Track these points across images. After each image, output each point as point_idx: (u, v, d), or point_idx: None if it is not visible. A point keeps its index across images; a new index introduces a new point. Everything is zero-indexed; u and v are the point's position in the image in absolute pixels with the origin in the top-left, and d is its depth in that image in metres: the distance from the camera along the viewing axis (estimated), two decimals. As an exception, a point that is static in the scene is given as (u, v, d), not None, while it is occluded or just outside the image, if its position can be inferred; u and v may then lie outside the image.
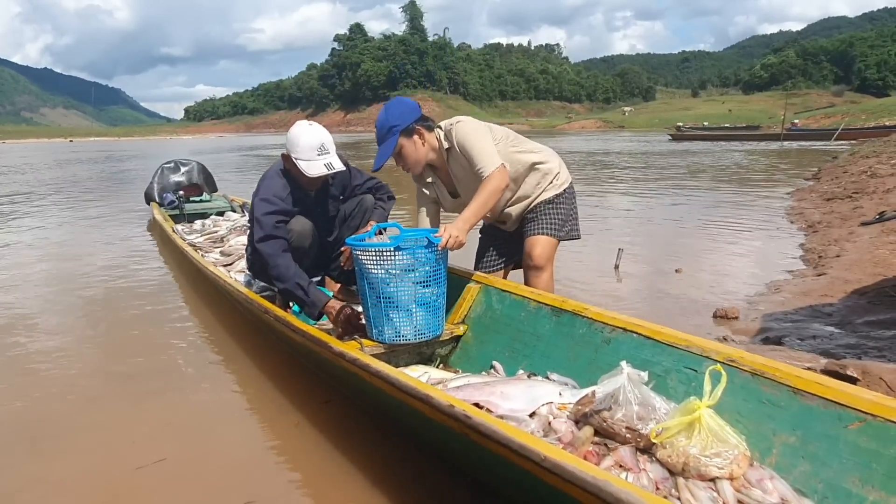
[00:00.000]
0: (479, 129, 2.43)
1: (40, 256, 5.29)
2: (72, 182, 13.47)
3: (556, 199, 2.60)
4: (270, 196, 2.57)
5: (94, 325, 3.37)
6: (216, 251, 4.25)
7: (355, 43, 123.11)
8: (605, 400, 1.52)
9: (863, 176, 8.08)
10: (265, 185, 2.63)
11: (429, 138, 2.47)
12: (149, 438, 2.08)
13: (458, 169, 2.49)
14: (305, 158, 2.51)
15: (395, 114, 2.44)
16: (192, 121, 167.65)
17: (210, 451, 2.01)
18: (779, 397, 1.45)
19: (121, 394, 2.47)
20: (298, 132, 2.56)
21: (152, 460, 1.92)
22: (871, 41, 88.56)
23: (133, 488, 1.79)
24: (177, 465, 1.91)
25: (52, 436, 2.11)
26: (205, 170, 7.06)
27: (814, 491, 1.30)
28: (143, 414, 2.28)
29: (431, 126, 2.50)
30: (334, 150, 2.58)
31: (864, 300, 3.09)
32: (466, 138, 2.39)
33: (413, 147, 2.45)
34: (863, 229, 4.83)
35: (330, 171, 2.52)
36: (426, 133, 2.46)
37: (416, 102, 2.57)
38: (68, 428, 2.17)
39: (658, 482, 1.34)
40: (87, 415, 2.28)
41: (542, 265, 2.53)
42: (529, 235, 2.58)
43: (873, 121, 32.33)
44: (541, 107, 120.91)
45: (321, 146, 2.52)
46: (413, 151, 2.46)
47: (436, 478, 1.76)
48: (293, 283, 2.42)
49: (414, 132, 2.43)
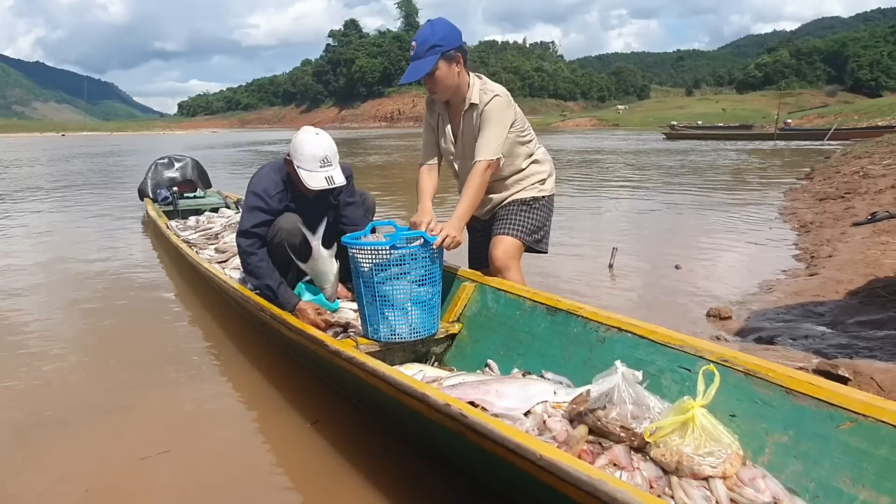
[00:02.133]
0: (503, 114, 2.38)
1: (33, 253, 5.26)
2: (64, 176, 13.38)
3: (532, 202, 2.53)
4: (260, 191, 2.59)
5: (88, 319, 3.36)
6: (211, 248, 4.23)
7: (350, 39, 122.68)
8: (600, 399, 1.53)
9: (855, 176, 8.13)
10: (258, 179, 2.63)
11: (464, 72, 2.40)
12: (147, 432, 2.08)
13: (468, 129, 2.46)
14: (307, 168, 2.48)
15: (442, 33, 2.33)
16: (185, 116, 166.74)
17: (204, 446, 2.01)
18: (771, 397, 1.47)
19: (114, 388, 2.46)
20: (303, 139, 2.52)
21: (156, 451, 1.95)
22: (864, 41, 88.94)
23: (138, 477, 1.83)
24: (180, 456, 1.94)
25: (52, 429, 2.12)
26: (199, 166, 7.03)
27: (805, 490, 1.31)
28: (139, 409, 2.28)
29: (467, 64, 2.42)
30: (338, 162, 2.54)
31: (855, 300, 3.12)
32: (492, 115, 2.35)
33: (449, 73, 2.36)
34: (855, 230, 4.87)
35: (330, 185, 2.49)
36: (463, 64, 2.39)
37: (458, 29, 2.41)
38: (68, 421, 2.18)
39: (652, 481, 1.36)
40: (85, 409, 2.28)
41: (505, 265, 2.45)
42: (495, 234, 2.52)
43: (866, 121, 32.52)
44: (535, 104, 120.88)
45: (325, 158, 2.48)
46: (447, 77, 2.37)
47: (430, 476, 1.77)
48: (264, 284, 2.50)
49: (454, 59, 2.35)
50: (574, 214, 6.67)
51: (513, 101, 2.45)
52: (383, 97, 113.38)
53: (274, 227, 2.60)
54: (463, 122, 2.48)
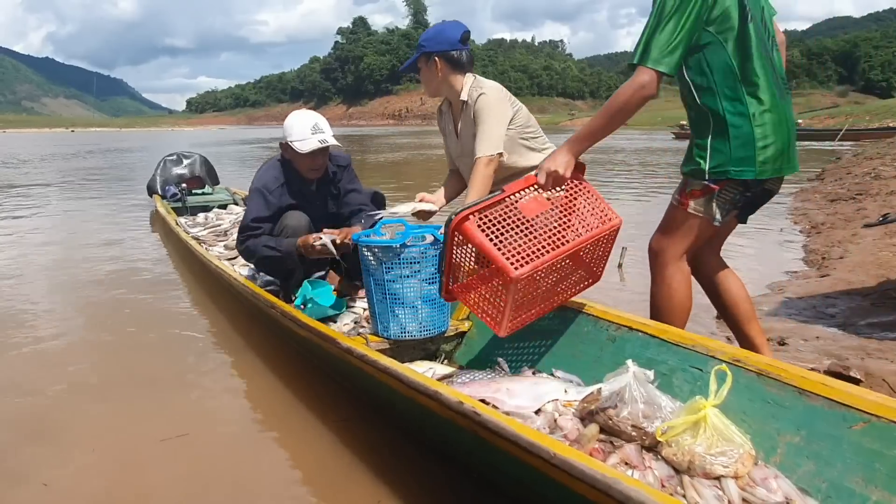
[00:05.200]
0: (498, 107, 2.40)
1: (43, 249, 5.30)
2: (74, 172, 13.46)
3: None
4: (260, 186, 2.64)
5: (100, 314, 3.39)
6: (220, 244, 4.26)
7: (358, 36, 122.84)
8: (611, 398, 1.53)
9: (867, 177, 8.07)
10: (258, 176, 2.68)
11: (448, 76, 2.47)
12: (163, 424, 2.10)
13: (465, 127, 2.51)
14: (299, 138, 2.54)
15: (430, 34, 2.51)
16: (193, 112, 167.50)
17: (213, 440, 2.03)
18: (784, 397, 1.46)
19: (128, 382, 2.48)
20: (292, 116, 2.64)
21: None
22: (876, 41, 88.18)
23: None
24: (197, 439, 1.99)
25: (71, 420, 2.17)
26: (207, 162, 7.07)
27: (818, 490, 1.31)
28: (154, 401, 2.30)
29: (461, 67, 2.47)
30: (329, 132, 2.60)
31: (867, 302, 3.10)
32: (483, 111, 2.38)
33: (428, 73, 2.50)
34: (866, 231, 4.83)
35: (324, 145, 2.54)
36: (446, 69, 2.46)
37: (461, 34, 2.48)
38: (81, 413, 2.21)
39: (663, 480, 1.36)
40: (99, 402, 2.31)
41: None
42: None
43: (877, 122, 32.24)
44: (544, 103, 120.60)
45: (314, 125, 2.56)
46: (427, 76, 2.52)
47: (440, 474, 1.78)
48: (266, 247, 2.56)
49: (431, 61, 2.46)
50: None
51: (509, 98, 2.47)
52: (391, 95, 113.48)
53: (280, 224, 2.62)
54: (461, 121, 2.52)
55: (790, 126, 1.84)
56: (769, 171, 1.79)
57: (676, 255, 1.93)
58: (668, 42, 1.69)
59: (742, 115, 1.76)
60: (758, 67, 1.76)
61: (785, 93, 1.85)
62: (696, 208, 1.86)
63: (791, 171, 1.87)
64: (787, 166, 1.84)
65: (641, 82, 1.71)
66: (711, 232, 1.91)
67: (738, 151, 1.77)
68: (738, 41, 1.75)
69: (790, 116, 1.85)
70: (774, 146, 1.77)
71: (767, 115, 1.77)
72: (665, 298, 1.96)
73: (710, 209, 1.84)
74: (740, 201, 1.86)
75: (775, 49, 1.86)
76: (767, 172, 1.79)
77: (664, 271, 1.95)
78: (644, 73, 1.71)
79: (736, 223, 2.05)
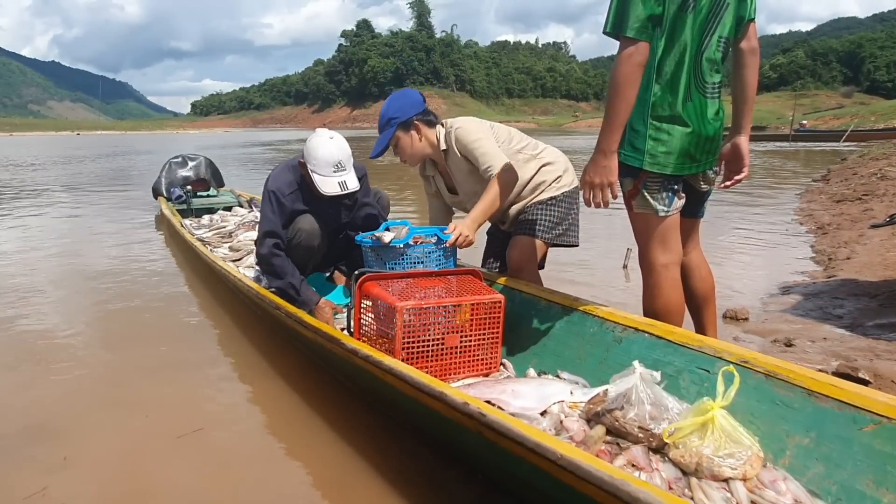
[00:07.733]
0: (480, 130, 2.40)
1: (50, 252, 5.31)
2: (80, 174, 13.52)
3: (550, 201, 2.49)
4: (275, 189, 2.59)
5: (107, 316, 3.40)
6: (225, 246, 4.26)
7: (362, 39, 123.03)
8: (618, 399, 1.52)
9: (873, 178, 8.03)
10: (272, 178, 2.64)
11: (427, 134, 2.46)
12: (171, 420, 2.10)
13: (456, 171, 2.48)
14: (321, 173, 2.48)
15: (396, 106, 2.44)
16: (198, 115, 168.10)
17: (218, 443, 2.03)
18: (792, 399, 1.45)
19: (130, 381, 2.48)
20: (317, 143, 2.51)
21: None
22: (881, 42, 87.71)
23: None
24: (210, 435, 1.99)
25: (88, 415, 2.20)
26: (212, 164, 7.08)
27: (827, 493, 1.30)
28: (163, 398, 2.32)
29: (433, 122, 2.47)
30: (352, 167, 2.55)
31: (875, 303, 3.08)
32: (468, 141, 2.37)
33: (409, 141, 2.45)
34: (873, 231, 4.81)
35: (343, 190, 2.49)
36: (425, 129, 2.44)
37: (420, 96, 2.54)
38: (104, 403, 2.23)
39: (671, 482, 1.35)
40: (112, 399, 2.32)
41: (520, 266, 2.45)
42: (514, 235, 2.51)
43: (883, 122, 32.12)
44: (547, 105, 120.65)
45: (338, 163, 2.48)
46: (409, 146, 2.46)
47: (446, 475, 1.77)
48: (287, 282, 2.49)
49: (411, 127, 2.42)
50: (587, 215, 6.60)
51: (481, 121, 2.48)
52: (395, 91, 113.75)
53: (293, 228, 2.61)
54: (450, 169, 2.51)
55: (702, 128, 1.79)
56: (671, 168, 1.78)
57: (657, 260, 1.92)
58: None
59: (643, 101, 1.73)
60: (673, 61, 1.71)
61: (706, 95, 1.78)
62: (639, 208, 1.88)
63: (695, 172, 1.87)
64: (691, 166, 1.82)
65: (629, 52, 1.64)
66: (669, 225, 1.88)
67: (638, 142, 1.77)
68: (668, 27, 1.69)
69: (704, 119, 1.79)
70: (670, 144, 1.76)
71: (668, 110, 1.74)
72: (648, 305, 1.97)
73: (649, 203, 1.85)
74: (671, 190, 1.84)
75: (720, 47, 1.77)
76: (669, 168, 1.78)
77: (648, 279, 1.96)
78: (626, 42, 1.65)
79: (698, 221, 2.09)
